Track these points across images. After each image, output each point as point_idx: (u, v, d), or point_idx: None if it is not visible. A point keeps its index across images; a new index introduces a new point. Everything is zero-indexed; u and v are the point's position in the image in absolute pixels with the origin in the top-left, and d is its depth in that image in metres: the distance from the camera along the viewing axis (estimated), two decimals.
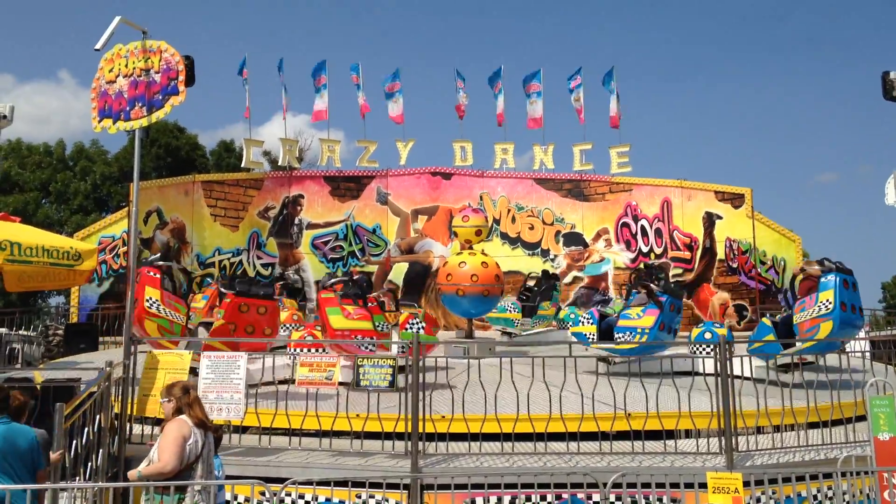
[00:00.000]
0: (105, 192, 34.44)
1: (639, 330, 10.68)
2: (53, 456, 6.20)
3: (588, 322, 11.37)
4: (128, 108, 8.66)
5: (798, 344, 10.04)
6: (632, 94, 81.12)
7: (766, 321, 11.10)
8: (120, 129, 8.78)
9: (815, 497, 6.94)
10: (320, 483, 6.75)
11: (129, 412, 7.83)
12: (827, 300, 9.99)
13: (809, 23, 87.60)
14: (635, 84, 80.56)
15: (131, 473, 5.71)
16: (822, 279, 10.20)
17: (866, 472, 6.84)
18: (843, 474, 6.83)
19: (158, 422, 7.81)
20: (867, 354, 10.74)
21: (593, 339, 11.11)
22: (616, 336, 10.82)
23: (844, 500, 6.78)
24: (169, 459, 5.45)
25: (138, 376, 8.00)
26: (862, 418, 7.52)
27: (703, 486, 6.38)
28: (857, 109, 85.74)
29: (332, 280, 11.64)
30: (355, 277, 12.34)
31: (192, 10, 76.90)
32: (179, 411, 5.74)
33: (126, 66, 8.70)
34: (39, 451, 5.79)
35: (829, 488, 6.92)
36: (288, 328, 14.10)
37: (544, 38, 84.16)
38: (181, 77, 8.53)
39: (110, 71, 8.78)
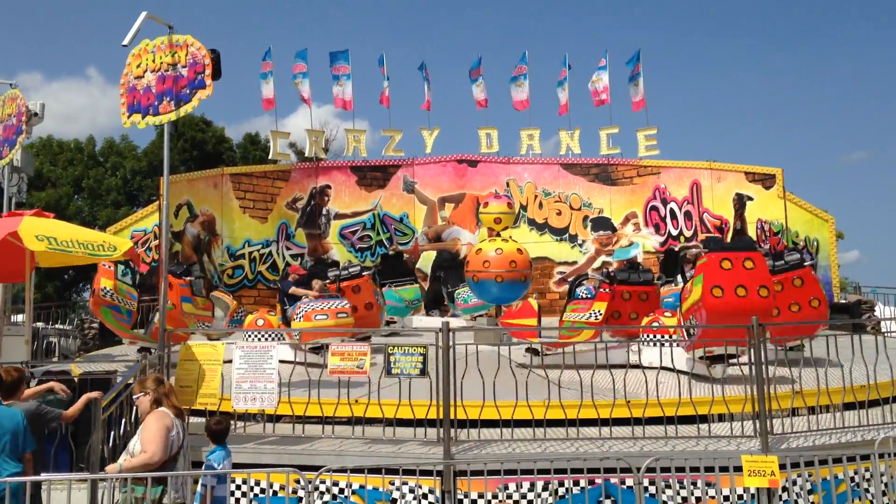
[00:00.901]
0: (136, 186, 34.87)
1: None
2: (88, 395, 6.57)
3: None
4: (156, 103, 8.73)
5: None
6: (658, 77, 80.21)
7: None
8: (149, 123, 8.89)
9: (852, 479, 6.85)
10: (354, 470, 6.81)
11: None
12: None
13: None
14: (662, 67, 79.62)
15: (111, 467, 5.74)
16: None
17: None
18: (881, 456, 6.73)
19: (196, 413, 7.96)
20: None
21: None
22: None
23: (882, 482, 6.68)
24: (156, 450, 5.51)
25: (173, 367, 8.11)
26: None
27: (738, 469, 6.34)
28: (886, 87, 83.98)
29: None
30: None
31: (214, 2, 77.35)
32: (158, 403, 5.81)
33: (153, 61, 8.77)
34: (28, 433, 5.83)
35: (867, 470, 6.82)
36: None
37: (568, 24, 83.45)
38: (208, 71, 8.57)
39: (138, 66, 8.86)
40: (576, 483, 6.84)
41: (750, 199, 19.42)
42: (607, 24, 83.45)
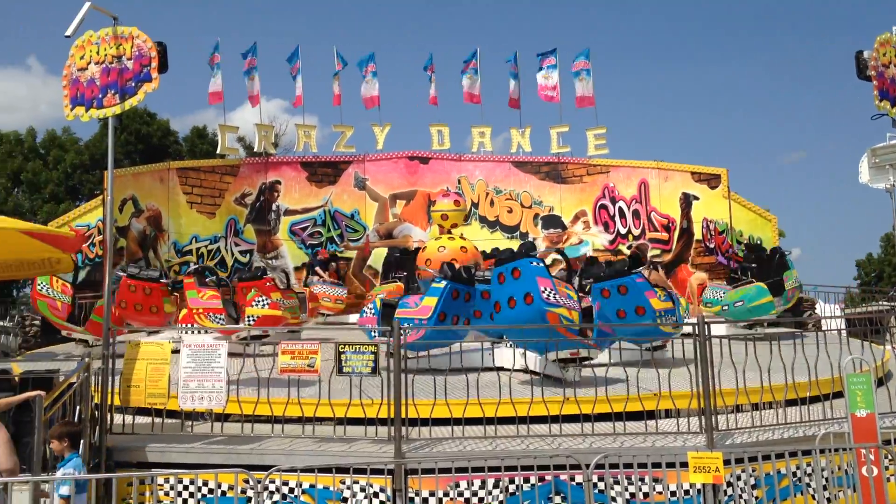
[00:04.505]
0: (77, 180, 33.91)
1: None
2: (29, 394, 6.71)
3: None
4: (100, 96, 8.63)
5: None
6: (608, 76, 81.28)
7: None
8: (93, 116, 8.74)
9: (794, 474, 7.04)
10: (304, 470, 6.75)
11: (109, 402, 7.76)
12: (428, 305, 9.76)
13: (783, 2, 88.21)
14: (611, 66, 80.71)
15: None
16: (433, 283, 9.95)
17: (844, 449, 6.93)
18: (822, 451, 6.92)
19: (141, 411, 7.82)
20: (843, 332, 10.86)
21: None
22: None
23: (823, 477, 6.87)
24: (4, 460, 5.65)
25: (118, 366, 7.92)
26: (839, 395, 7.62)
27: (684, 465, 6.46)
28: (825, 88, 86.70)
29: None
30: None
31: None
32: None
33: (98, 53, 8.63)
34: None
35: (808, 465, 7.02)
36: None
37: (520, 20, 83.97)
38: (154, 64, 8.52)
39: (81, 58, 8.68)
40: (526, 480, 6.89)
41: (696, 198, 19.79)
42: (560, 22, 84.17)
